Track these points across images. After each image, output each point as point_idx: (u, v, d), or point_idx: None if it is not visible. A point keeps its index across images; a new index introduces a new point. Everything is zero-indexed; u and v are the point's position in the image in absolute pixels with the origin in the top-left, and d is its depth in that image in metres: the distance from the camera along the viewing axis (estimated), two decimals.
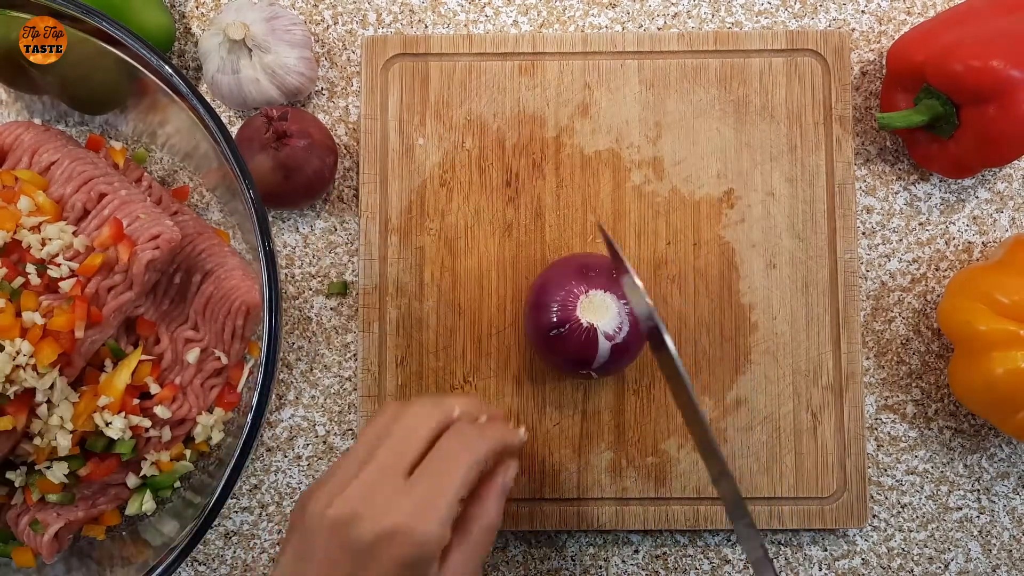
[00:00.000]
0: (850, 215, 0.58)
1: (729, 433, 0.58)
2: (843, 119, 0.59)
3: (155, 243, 0.51)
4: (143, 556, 0.52)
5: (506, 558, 0.59)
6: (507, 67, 0.60)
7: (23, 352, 0.47)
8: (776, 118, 0.59)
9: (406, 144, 0.59)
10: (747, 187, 0.59)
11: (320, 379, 0.60)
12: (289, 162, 0.55)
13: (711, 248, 0.59)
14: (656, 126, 0.59)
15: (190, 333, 0.55)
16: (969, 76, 0.52)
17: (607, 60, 0.60)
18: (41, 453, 0.50)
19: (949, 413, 0.60)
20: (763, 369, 0.58)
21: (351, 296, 0.60)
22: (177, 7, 0.62)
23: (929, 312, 0.60)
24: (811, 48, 0.59)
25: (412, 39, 0.60)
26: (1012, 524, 0.59)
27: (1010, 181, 0.61)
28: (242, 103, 0.59)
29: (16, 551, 0.53)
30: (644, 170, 0.59)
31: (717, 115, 0.59)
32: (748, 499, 0.57)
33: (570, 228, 0.59)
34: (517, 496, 0.57)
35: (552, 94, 0.60)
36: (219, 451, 0.56)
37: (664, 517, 0.57)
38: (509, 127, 0.59)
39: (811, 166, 0.59)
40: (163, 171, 0.60)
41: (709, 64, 0.60)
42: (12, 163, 0.54)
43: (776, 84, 0.59)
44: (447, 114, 0.59)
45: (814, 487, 0.57)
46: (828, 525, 0.57)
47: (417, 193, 0.59)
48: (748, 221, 0.59)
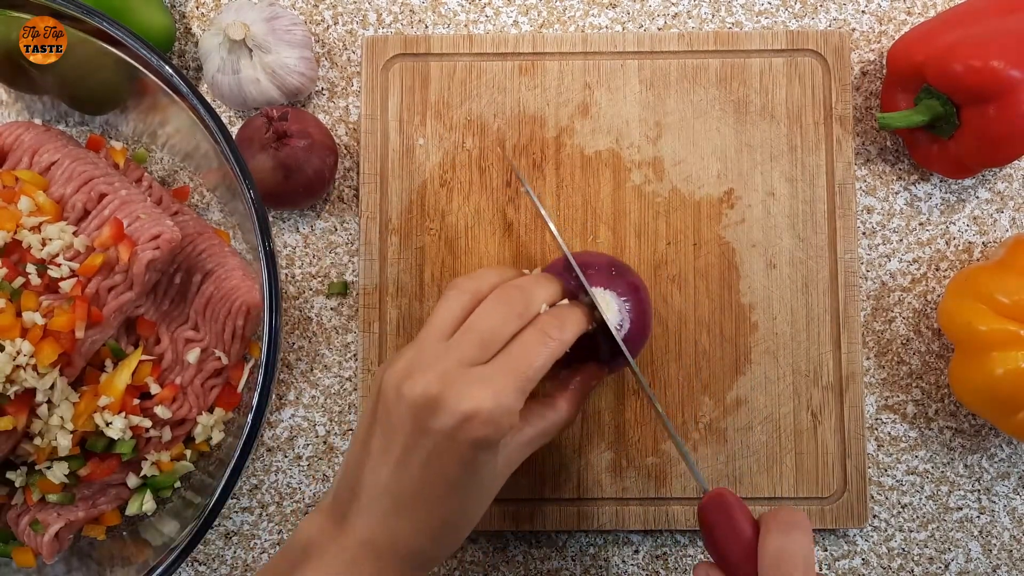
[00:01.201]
0: (850, 215, 0.58)
1: (729, 433, 0.58)
2: (843, 119, 0.59)
3: (155, 243, 0.51)
4: (143, 556, 0.52)
5: (506, 558, 0.59)
6: (507, 67, 0.60)
7: (23, 352, 0.47)
8: (776, 118, 0.59)
9: (406, 144, 0.59)
10: (747, 187, 0.59)
11: (320, 379, 0.60)
12: (289, 162, 0.55)
13: (711, 248, 0.59)
14: (656, 126, 0.59)
15: (190, 333, 0.55)
16: (969, 76, 0.52)
17: (607, 60, 0.60)
18: (41, 453, 0.50)
19: (949, 413, 0.60)
20: (763, 369, 0.58)
21: (351, 296, 0.60)
22: (177, 7, 0.62)
23: (929, 312, 0.60)
24: (811, 48, 0.59)
25: (412, 39, 0.60)
26: (1012, 524, 0.59)
27: (1010, 181, 0.61)
28: (242, 103, 0.59)
29: (16, 551, 0.53)
30: (644, 170, 0.59)
31: (717, 115, 0.59)
32: (748, 499, 0.57)
33: (570, 228, 0.59)
34: (517, 496, 0.57)
35: (552, 94, 0.60)
36: (219, 451, 0.56)
37: (664, 517, 0.57)
38: (509, 127, 0.59)
39: (811, 166, 0.59)
40: (163, 171, 0.60)
41: (709, 64, 0.60)
42: (12, 163, 0.54)
43: (776, 84, 0.59)
44: (447, 114, 0.59)
45: (814, 487, 0.57)
46: (828, 525, 0.57)
47: (417, 193, 0.59)
48: (748, 221, 0.59)
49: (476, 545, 0.59)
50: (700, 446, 0.58)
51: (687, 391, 0.58)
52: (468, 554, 0.59)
